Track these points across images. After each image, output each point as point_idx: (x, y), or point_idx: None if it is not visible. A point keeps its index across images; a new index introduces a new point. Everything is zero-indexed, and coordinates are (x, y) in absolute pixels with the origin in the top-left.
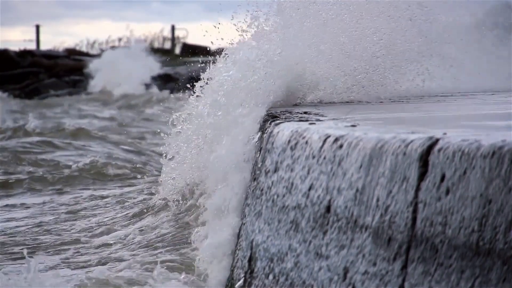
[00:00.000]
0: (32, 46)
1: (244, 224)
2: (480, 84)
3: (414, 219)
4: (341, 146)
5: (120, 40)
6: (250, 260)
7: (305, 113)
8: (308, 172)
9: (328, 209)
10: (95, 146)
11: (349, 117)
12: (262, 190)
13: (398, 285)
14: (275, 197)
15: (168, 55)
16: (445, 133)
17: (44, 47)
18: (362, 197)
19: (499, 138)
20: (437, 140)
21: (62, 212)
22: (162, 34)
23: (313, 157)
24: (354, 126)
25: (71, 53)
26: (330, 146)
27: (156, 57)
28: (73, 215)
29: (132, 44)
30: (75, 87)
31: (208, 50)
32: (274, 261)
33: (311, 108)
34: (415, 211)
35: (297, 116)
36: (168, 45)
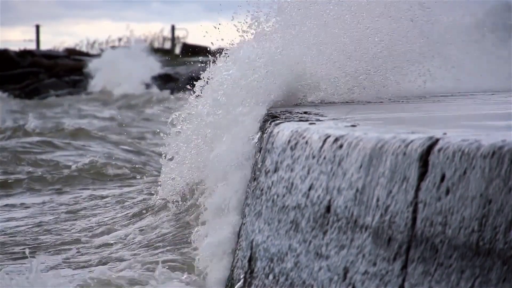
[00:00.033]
0: (32, 46)
1: (244, 224)
2: (480, 84)
3: (414, 219)
4: (341, 146)
5: (120, 40)
6: (250, 260)
7: (305, 113)
8: (308, 172)
9: (328, 209)
10: (95, 146)
11: (349, 117)
12: (262, 190)
13: (398, 285)
14: (275, 197)
15: (168, 55)
16: (445, 133)
17: (44, 47)
18: (362, 197)
19: (499, 138)
20: (437, 140)
21: (62, 212)
22: (162, 34)
23: (313, 157)
24: (354, 126)
25: (71, 53)
26: (330, 146)
27: (156, 57)
28: (73, 215)
29: (132, 44)
30: (75, 87)
31: (208, 51)
32: (274, 261)
33: (311, 108)
34: (415, 211)
35: (297, 116)
36: (168, 45)
